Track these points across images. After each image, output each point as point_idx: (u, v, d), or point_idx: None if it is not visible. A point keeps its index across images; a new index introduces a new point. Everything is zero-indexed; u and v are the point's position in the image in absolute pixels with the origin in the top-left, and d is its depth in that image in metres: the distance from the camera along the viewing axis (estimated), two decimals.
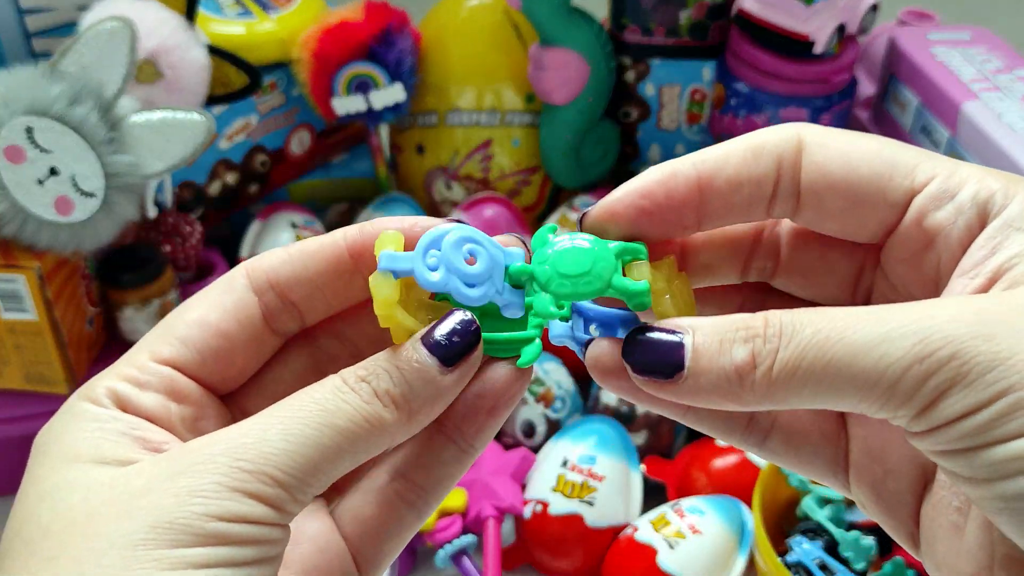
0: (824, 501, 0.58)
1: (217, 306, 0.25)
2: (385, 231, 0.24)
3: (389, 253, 0.23)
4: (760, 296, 0.27)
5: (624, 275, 0.24)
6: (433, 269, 0.24)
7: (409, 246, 0.24)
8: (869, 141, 0.24)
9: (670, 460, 0.65)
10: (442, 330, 0.23)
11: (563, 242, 0.24)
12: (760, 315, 0.22)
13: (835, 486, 0.26)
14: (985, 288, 0.22)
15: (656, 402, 0.24)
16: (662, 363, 0.22)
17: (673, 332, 0.22)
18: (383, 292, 0.23)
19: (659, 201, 0.24)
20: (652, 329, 0.23)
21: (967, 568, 0.23)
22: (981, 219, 0.23)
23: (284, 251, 0.25)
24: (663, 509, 0.59)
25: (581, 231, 0.25)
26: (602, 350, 0.23)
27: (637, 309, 0.24)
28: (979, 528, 0.23)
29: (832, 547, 0.56)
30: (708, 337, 0.22)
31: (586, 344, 0.24)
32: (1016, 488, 0.20)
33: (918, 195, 0.23)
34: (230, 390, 0.26)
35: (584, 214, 0.25)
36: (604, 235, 0.25)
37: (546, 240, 0.25)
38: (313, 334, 0.27)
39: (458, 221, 0.25)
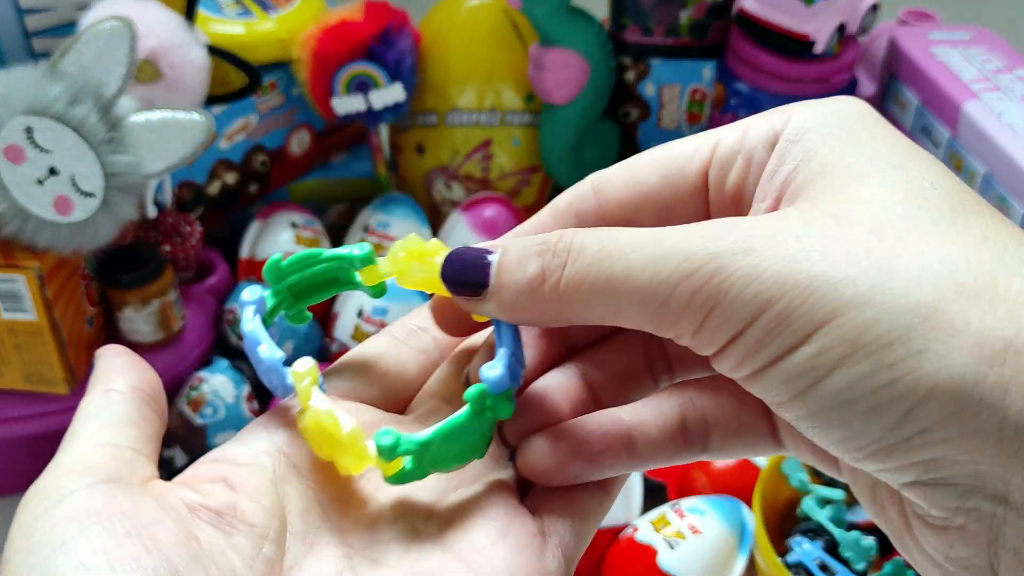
0: (824, 501, 0.58)
1: None
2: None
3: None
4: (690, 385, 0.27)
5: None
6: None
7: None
8: (649, 155, 0.25)
9: None
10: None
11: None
12: (557, 232, 0.23)
13: (773, 452, 0.26)
14: (773, 209, 0.22)
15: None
16: (471, 280, 0.24)
17: (484, 252, 0.24)
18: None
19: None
20: (467, 249, 0.24)
21: (865, 491, 0.23)
22: (770, 151, 0.23)
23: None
24: (663, 509, 0.59)
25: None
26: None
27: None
28: None
29: (832, 547, 0.56)
30: (511, 255, 0.23)
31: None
32: (803, 409, 0.20)
33: (710, 170, 0.24)
34: None
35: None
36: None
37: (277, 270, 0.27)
38: None
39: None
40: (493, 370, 0.24)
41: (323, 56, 0.72)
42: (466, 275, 0.24)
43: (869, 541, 0.55)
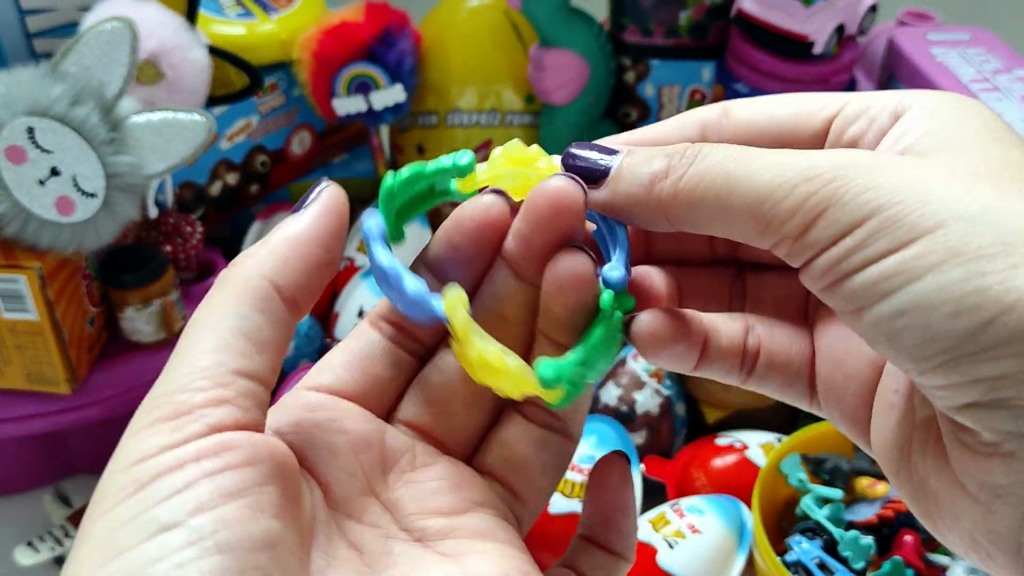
0: (823, 501, 0.58)
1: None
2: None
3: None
4: (739, 278, 0.29)
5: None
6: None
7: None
8: (783, 96, 0.26)
9: (669, 460, 0.65)
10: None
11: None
12: (687, 143, 0.24)
13: (805, 404, 0.27)
14: None
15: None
16: (595, 164, 0.25)
17: (612, 149, 0.25)
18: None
19: None
20: (594, 144, 0.25)
21: (897, 440, 0.24)
22: (893, 123, 0.24)
23: None
24: (663, 508, 0.59)
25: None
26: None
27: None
28: (904, 398, 0.24)
29: (831, 546, 0.56)
30: (639, 153, 0.24)
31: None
32: (887, 309, 0.21)
33: (835, 120, 0.25)
34: None
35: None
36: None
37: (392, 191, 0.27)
38: None
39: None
40: (615, 271, 0.25)
41: (324, 57, 0.73)
42: (591, 160, 0.25)
43: (868, 540, 0.55)
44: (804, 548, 0.55)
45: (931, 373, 0.21)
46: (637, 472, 0.63)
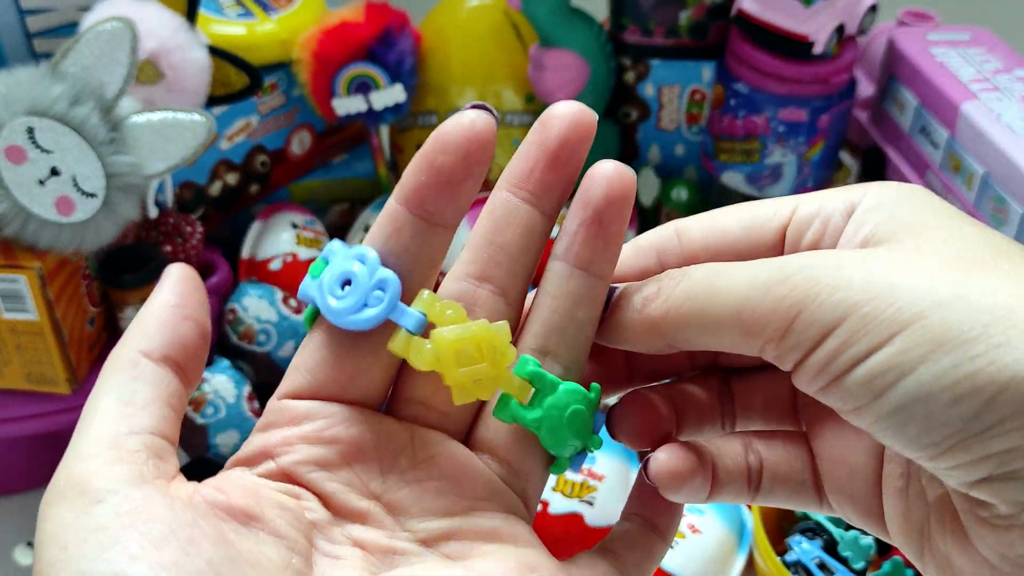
0: None
1: None
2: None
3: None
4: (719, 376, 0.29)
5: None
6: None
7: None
8: (731, 209, 0.27)
9: None
10: None
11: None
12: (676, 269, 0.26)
13: (817, 508, 0.28)
14: None
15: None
16: None
17: (610, 288, 0.26)
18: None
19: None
20: None
21: (914, 523, 0.25)
22: (847, 220, 0.25)
23: None
24: None
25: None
26: None
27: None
28: (912, 481, 0.25)
29: (831, 546, 0.56)
30: (632, 286, 0.26)
31: None
32: (886, 406, 0.21)
33: (788, 228, 0.26)
34: None
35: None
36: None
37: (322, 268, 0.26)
38: None
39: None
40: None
41: (324, 57, 0.73)
42: None
43: (868, 540, 0.55)
44: (804, 548, 0.56)
45: (940, 457, 0.21)
46: (637, 473, 0.63)
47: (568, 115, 0.25)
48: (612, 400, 0.29)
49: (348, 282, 0.25)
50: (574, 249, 0.26)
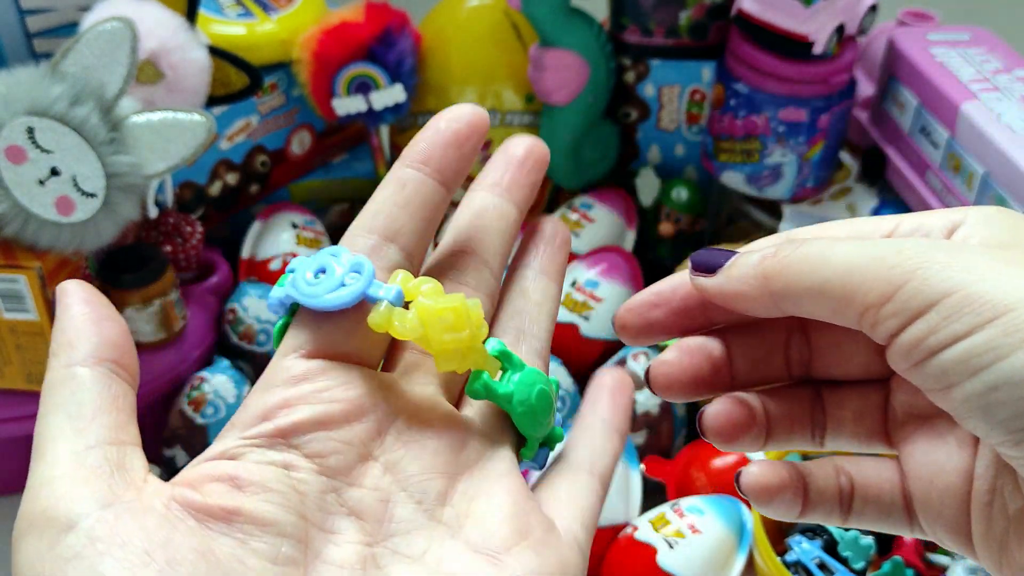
0: None
1: None
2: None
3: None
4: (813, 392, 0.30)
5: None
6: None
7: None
8: (834, 223, 0.28)
9: (669, 460, 0.65)
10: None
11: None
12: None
13: (907, 529, 0.28)
14: None
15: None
16: (714, 260, 0.28)
17: (732, 252, 0.28)
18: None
19: (670, 305, 0.29)
20: (717, 248, 0.28)
21: (996, 536, 0.25)
22: (950, 236, 0.26)
23: None
24: (663, 508, 0.59)
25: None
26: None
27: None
28: (995, 494, 0.25)
29: (831, 546, 0.56)
30: (752, 251, 0.27)
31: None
32: (978, 386, 0.22)
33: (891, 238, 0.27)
34: None
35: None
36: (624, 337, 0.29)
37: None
38: None
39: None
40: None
41: (324, 57, 0.73)
42: (714, 255, 0.28)
43: (868, 540, 0.55)
44: (804, 548, 0.56)
45: None
46: (637, 472, 0.63)
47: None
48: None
49: (323, 271, 0.26)
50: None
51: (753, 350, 0.29)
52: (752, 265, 0.26)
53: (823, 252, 0.25)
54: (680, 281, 0.29)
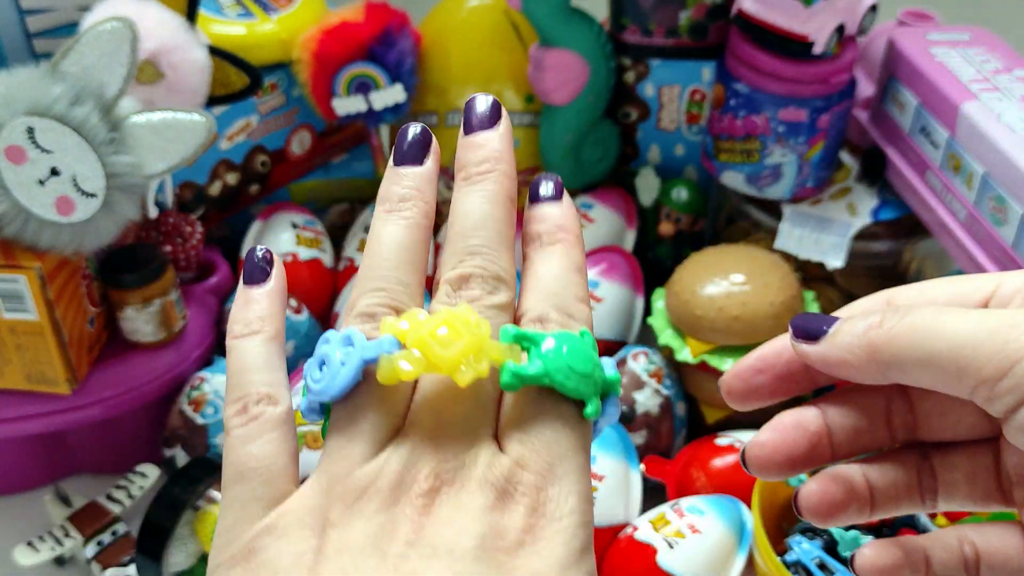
0: None
1: None
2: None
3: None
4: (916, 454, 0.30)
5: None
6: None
7: None
8: (938, 281, 0.28)
9: (670, 460, 0.65)
10: None
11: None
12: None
13: (999, 507, 0.28)
14: None
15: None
16: (816, 325, 0.28)
17: (833, 318, 0.28)
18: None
19: (775, 370, 0.29)
20: (816, 314, 0.29)
21: None
22: None
23: None
24: (663, 508, 0.59)
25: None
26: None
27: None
28: None
29: (831, 546, 0.56)
30: (855, 317, 0.27)
31: None
32: None
33: (991, 302, 0.27)
34: None
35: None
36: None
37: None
38: None
39: None
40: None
41: (324, 57, 0.73)
42: (816, 321, 0.28)
43: (868, 540, 0.55)
44: (804, 548, 0.56)
45: None
46: (637, 472, 0.63)
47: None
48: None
49: (324, 364, 0.27)
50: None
51: (853, 419, 0.29)
52: (857, 335, 0.26)
53: (932, 324, 0.25)
54: (783, 345, 0.29)
